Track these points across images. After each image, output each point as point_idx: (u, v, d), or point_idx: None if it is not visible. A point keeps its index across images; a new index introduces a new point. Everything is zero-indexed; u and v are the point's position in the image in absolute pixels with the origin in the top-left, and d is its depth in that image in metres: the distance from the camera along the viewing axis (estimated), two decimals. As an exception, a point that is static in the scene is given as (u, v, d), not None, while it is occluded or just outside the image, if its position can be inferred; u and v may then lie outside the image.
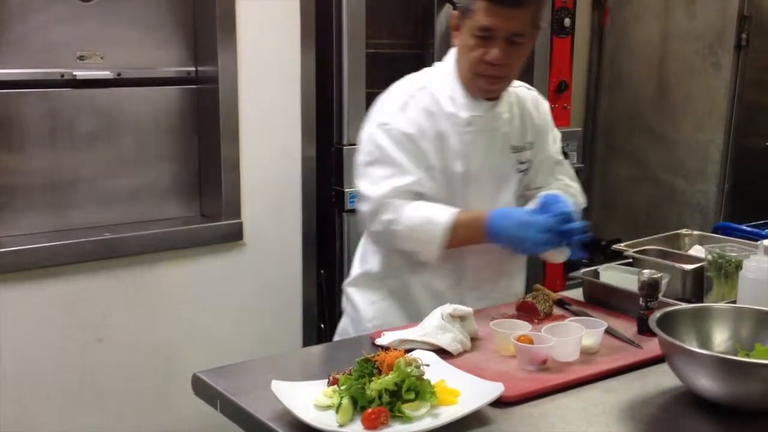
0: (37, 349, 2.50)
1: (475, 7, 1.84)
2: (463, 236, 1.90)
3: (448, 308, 1.74)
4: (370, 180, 1.94)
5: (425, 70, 2.04)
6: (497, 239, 1.87)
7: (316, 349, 1.80)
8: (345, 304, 2.15)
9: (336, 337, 2.17)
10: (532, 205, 1.94)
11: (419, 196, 1.92)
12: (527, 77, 3.25)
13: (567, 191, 2.10)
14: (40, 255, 2.47)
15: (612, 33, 4.09)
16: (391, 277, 2.05)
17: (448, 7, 2.99)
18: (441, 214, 1.89)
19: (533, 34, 1.92)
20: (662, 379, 1.57)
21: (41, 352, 2.51)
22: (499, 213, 1.88)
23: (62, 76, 2.56)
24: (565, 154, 2.21)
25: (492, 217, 1.86)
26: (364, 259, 2.11)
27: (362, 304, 2.09)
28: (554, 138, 2.16)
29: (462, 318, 1.75)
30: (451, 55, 1.99)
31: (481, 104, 1.96)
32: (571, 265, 3.37)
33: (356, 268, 2.14)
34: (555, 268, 3.42)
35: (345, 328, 2.14)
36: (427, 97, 1.95)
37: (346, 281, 2.16)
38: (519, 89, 2.10)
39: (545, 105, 2.15)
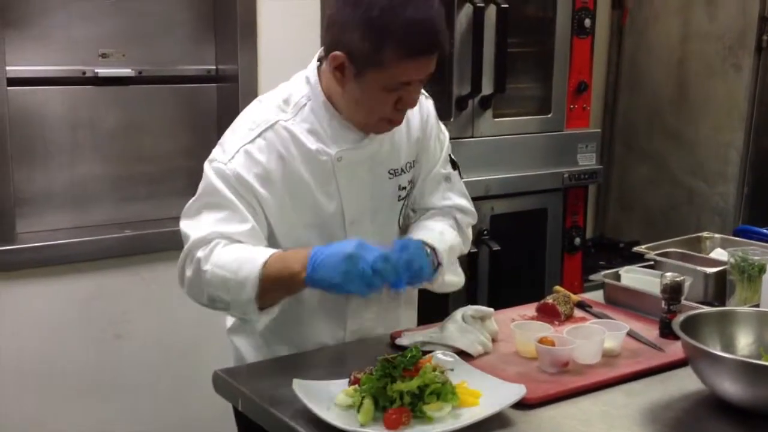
0: (56, 344, 2.52)
1: (385, 60, 1.53)
2: (278, 277, 1.53)
3: (469, 309, 1.74)
4: (196, 223, 1.62)
5: (287, 88, 1.73)
6: (317, 275, 1.50)
7: (337, 348, 1.79)
8: (233, 359, 1.83)
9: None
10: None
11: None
12: (546, 78, 3.28)
13: (442, 224, 1.79)
14: (60, 251, 2.49)
15: (631, 33, 4.07)
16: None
17: (468, 7, 2.98)
18: (258, 253, 1.55)
19: None
20: (685, 382, 1.57)
21: (61, 347, 2.53)
22: (321, 248, 1.52)
23: (84, 73, 2.58)
24: (453, 163, 1.87)
25: (314, 252, 1.51)
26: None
27: (247, 351, 1.80)
28: (441, 146, 1.84)
29: (482, 319, 1.74)
30: (312, 71, 1.70)
31: (350, 133, 1.67)
32: (589, 268, 3.38)
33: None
34: (573, 270, 3.41)
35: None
36: (280, 134, 1.64)
37: (227, 328, 1.86)
38: None
39: (426, 107, 1.81)
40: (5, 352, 2.45)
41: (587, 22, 3.27)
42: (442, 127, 1.88)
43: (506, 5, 2.97)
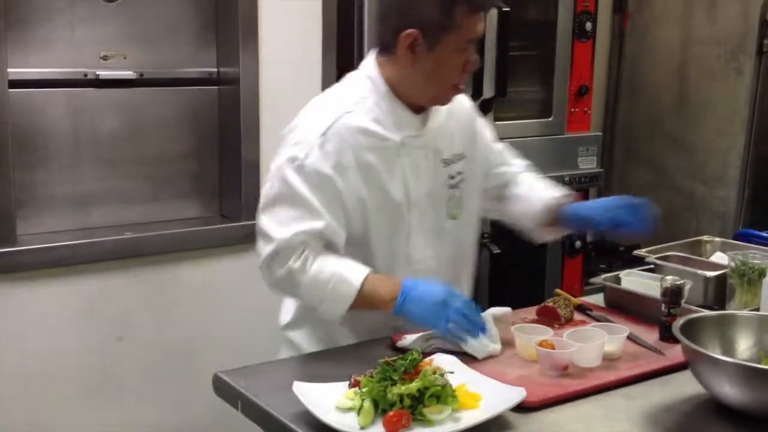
0: (58, 346, 2.52)
1: (458, 21, 1.69)
2: (370, 301, 1.70)
3: (489, 312, 1.74)
4: (277, 220, 1.73)
5: (344, 87, 1.86)
6: (405, 309, 1.68)
7: (337, 351, 1.80)
8: (285, 352, 1.93)
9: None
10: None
11: (329, 243, 1.74)
12: (547, 81, 3.28)
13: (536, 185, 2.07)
14: (61, 253, 2.49)
15: (632, 37, 4.07)
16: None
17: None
18: (353, 272, 1.70)
19: None
20: (685, 386, 1.57)
21: (62, 349, 2.53)
22: (412, 285, 1.69)
23: (85, 75, 2.58)
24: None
25: (405, 287, 1.68)
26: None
27: (309, 344, 1.89)
28: (486, 128, 2.05)
29: (500, 320, 1.75)
30: (370, 67, 1.81)
31: (411, 121, 1.81)
32: (589, 272, 3.38)
33: (290, 309, 1.95)
34: (573, 273, 3.41)
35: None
36: (348, 126, 1.75)
37: (283, 325, 1.98)
38: None
39: (467, 103, 1.99)
40: (6, 353, 2.45)
41: (588, 25, 3.28)
42: (484, 119, 2.08)
43: (507, 9, 2.97)
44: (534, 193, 2.03)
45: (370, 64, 1.82)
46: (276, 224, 1.73)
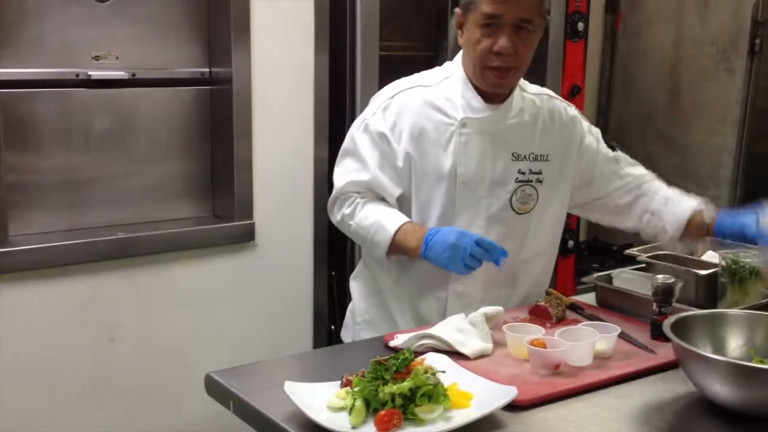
0: (50, 347, 2.51)
1: None
2: (402, 247, 1.92)
3: (480, 311, 1.75)
4: (339, 171, 2.02)
5: (434, 69, 2.04)
6: (428, 255, 1.88)
7: (329, 351, 1.81)
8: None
9: (342, 330, 2.19)
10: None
11: (380, 195, 1.97)
12: (540, 80, 3.27)
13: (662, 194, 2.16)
14: (53, 254, 2.47)
15: (624, 37, 4.08)
16: (380, 276, 2.08)
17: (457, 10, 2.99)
18: (390, 221, 1.92)
19: (540, 22, 1.89)
20: (676, 384, 1.58)
21: (54, 350, 2.52)
22: (433, 232, 1.88)
23: (77, 75, 2.56)
24: (612, 147, 2.19)
25: (427, 236, 1.88)
26: (363, 253, 2.16)
27: (357, 298, 2.14)
28: (596, 138, 2.14)
29: (492, 318, 1.76)
30: (459, 55, 1.99)
31: (480, 105, 1.94)
32: (582, 270, 3.39)
33: (360, 262, 2.18)
34: (566, 272, 3.41)
35: (345, 321, 2.19)
36: (416, 96, 1.95)
37: (353, 273, 2.21)
38: (540, 97, 2.05)
39: (570, 112, 2.10)
40: (0, 353, 2.45)
41: (580, 25, 3.29)
42: (593, 128, 2.17)
43: (499, 9, 2.97)
44: (671, 207, 2.13)
45: (461, 51, 1.99)
46: (338, 174, 2.02)
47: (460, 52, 1.99)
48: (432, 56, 3.05)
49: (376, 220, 1.93)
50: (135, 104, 2.68)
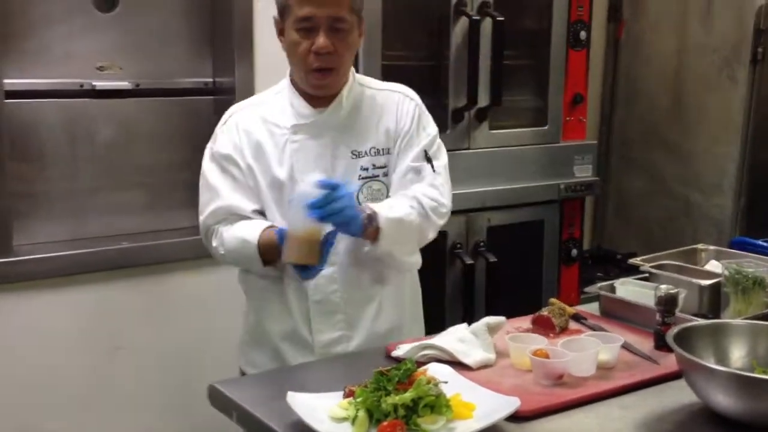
0: (55, 356, 2.53)
1: (291, 2, 1.85)
2: (273, 252, 1.85)
3: (482, 321, 1.75)
4: (199, 207, 2.00)
5: (271, 88, 2.06)
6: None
7: (331, 361, 1.80)
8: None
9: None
10: None
11: (242, 217, 1.94)
12: (542, 89, 3.29)
13: (398, 199, 1.95)
14: (58, 263, 2.50)
15: (627, 46, 4.09)
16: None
17: (463, 20, 2.99)
18: (250, 232, 1.89)
19: (355, 21, 1.90)
20: (679, 395, 1.57)
21: (59, 359, 2.53)
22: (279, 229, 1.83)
23: (81, 86, 2.59)
24: (428, 159, 2.00)
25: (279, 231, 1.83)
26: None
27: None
28: (418, 143, 1.99)
29: (495, 329, 1.76)
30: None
31: (307, 110, 1.94)
32: (586, 280, 3.38)
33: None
34: (569, 281, 3.41)
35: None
36: (247, 114, 1.98)
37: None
38: (381, 92, 2.01)
39: (411, 106, 2.01)
40: (2, 364, 2.45)
41: (582, 34, 3.29)
42: (429, 127, 2.03)
43: (502, 18, 2.98)
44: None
45: None
46: (199, 212, 2.00)
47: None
48: (434, 65, 3.05)
49: (239, 237, 1.90)
50: (139, 114, 2.70)
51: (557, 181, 3.26)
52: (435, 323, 2.04)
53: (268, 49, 2.71)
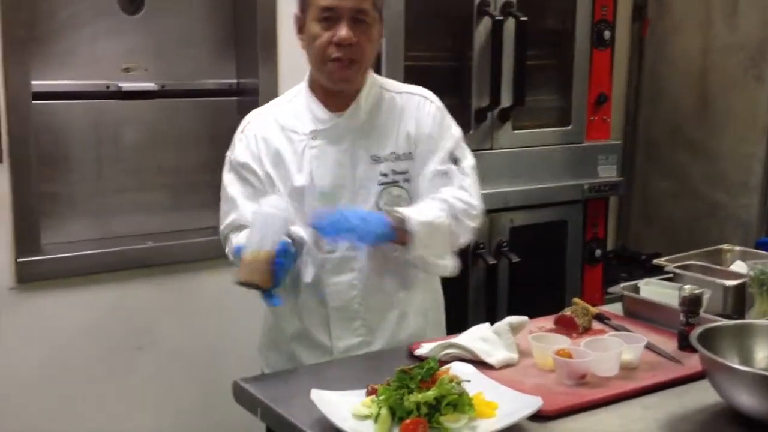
0: (79, 354, 2.55)
1: None
2: None
3: (505, 321, 1.76)
4: (220, 216, 1.99)
5: (286, 92, 2.05)
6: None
7: (354, 360, 1.81)
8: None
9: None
10: None
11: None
12: (565, 89, 3.28)
13: (428, 202, 1.91)
14: (84, 262, 2.53)
15: (652, 45, 4.07)
16: None
17: (486, 20, 2.99)
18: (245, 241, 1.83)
19: (377, 17, 1.88)
20: (703, 395, 1.56)
21: (84, 357, 2.56)
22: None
23: (107, 87, 2.62)
24: (455, 160, 1.97)
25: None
26: None
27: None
28: (438, 145, 1.96)
29: (517, 328, 1.76)
30: (307, 75, 1.98)
31: (325, 115, 1.92)
32: (611, 280, 3.37)
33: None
34: (593, 282, 3.40)
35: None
36: (264, 121, 1.96)
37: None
38: (401, 95, 1.98)
39: (432, 108, 1.98)
40: (29, 361, 2.48)
41: (606, 33, 3.28)
42: (452, 129, 2.00)
43: (525, 18, 2.98)
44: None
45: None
46: (219, 221, 1.99)
47: (308, 72, 1.97)
48: (456, 66, 3.06)
49: (239, 246, 1.82)
50: (164, 115, 2.73)
51: (581, 182, 3.25)
52: (457, 323, 2.03)
53: (292, 50, 2.70)
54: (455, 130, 2.01)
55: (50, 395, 2.52)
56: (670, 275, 2.09)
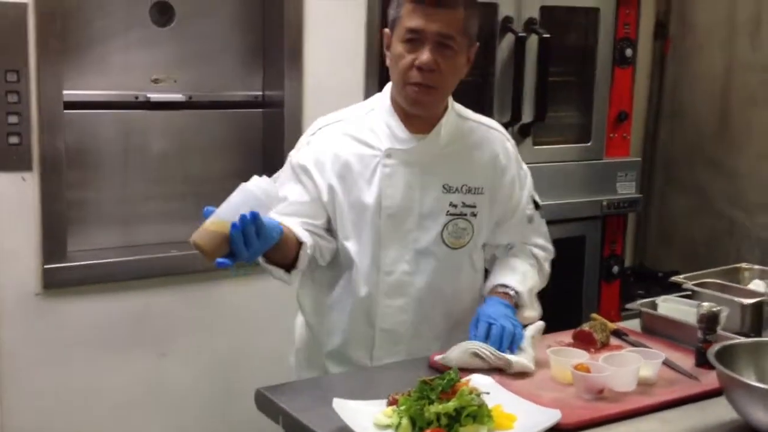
0: (101, 361, 2.59)
1: (402, 12, 1.81)
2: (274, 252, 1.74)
3: (528, 331, 1.81)
4: None
5: (361, 103, 2.02)
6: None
7: (375, 371, 1.84)
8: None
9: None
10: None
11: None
12: (586, 107, 3.31)
13: (525, 264, 2.01)
14: (109, 269, 2.57)
15: (673, 63, 4.08)
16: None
17: (509, 36, 3.03)
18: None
19: (465, 44, 1.83)
20: (720, 412, 1.58)
21: (106, 364, 2.60)
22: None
23: (137, 98, 2.67)
24: (536, 204, 2.05)
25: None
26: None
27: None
28: (521, 186, 2.01)
29: (536, 340, 1.81)
30: (388, 86, 1.94)
31: (405, 135, 1.88)
32: (628, 297, 3.38)
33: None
34: (610, 298, 3.42)
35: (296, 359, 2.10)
36: (338, 130, 1.91)
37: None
38: (479, 126, 1.98)
39: (511, 147, 2.00)
40: (54, 366, 2.52)
41: (628, 51, 3.31)
42: (524, 167, 2.04)
43: (548, 35, 3.02)
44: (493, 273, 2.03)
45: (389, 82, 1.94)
46: None
47: (389, 84, 1.93)
48: (479, 81, 3.09)
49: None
50: (191, 126, 2.77)
51: (600, 198, 3.28)
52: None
53: (317, 64, 2.79)
54: (527, 170, 2.05)
55: (74, 399, 2.56)
56: (688, 293, 2.11)
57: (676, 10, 4.04)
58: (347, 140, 1.90)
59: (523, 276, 1.97)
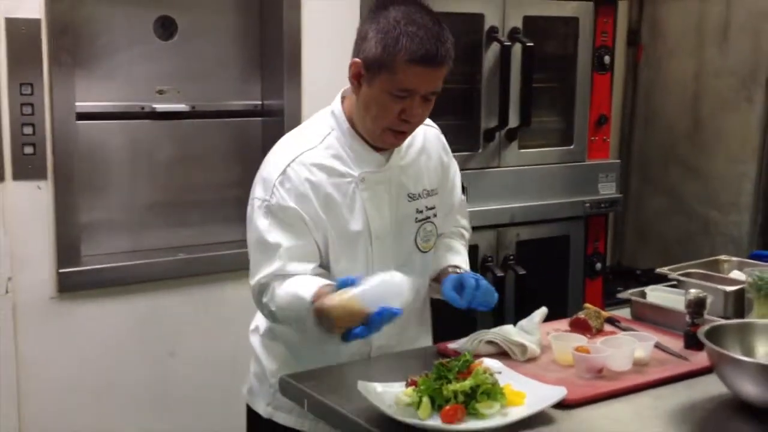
0: (114, 360, 2.68)
1: (396, 65, 1.70)
2: (327, 317, 1.66)
3: (535, 317, 1.94)
4: (251, 263, 1.86)
5: (310, 123, 1.92)
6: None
7: (389, 358, 1.95)
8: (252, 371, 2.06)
9: (249, 396, 2.08)
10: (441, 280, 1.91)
11: (291, 275, 1.78)
12: (568, 112, 3.43)
13: (461, 245, 2.08)
14: (120, 273, 2.66)
15: (646, 69, 4.19)
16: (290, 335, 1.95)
17: (495, 45, 3.15)
18: (306, 289, 1.72)
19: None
20: (709, 388, 1.70)
21: (118, 363, 2.69)
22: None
23: (142, 108, 2.76)
24: (464, 188, 2.12)
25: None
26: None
27: (264, 357, 2.04)
28: (456, 174, 2.05)
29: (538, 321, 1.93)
30: (336, 102, 1.88)
31: (372, 157, 1.85)
32: (607, 293, 3.51)
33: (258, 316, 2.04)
34: (594, 294, 3.54)
35: (252, 386, 2.07)
36: (308, 162, 1.81)
37: (251, 327, 2.09)
38: (419, 128, 1.91)
39: (442, 137, 2.02)
40: (67, 366, 2.61)
41: (607, 58, 3.43)
42: (453, 157, 2.08)
43: (531, 43, 3.14)
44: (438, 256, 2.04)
45: (336, 99, 1.89)
46: (251, 267, 1.86)
47: (336, 102, 1.88)
48: (467, 88, 3.21)
49: (293, 293, 1.74)
50: (194, 135, 2.87)
51: (582, 198, 3.39)
52: (466, 332, 2.13)
53: (315, 73, 2.88)
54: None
55: (86, 398, 2.64)
56: (673, 283, 2.24)
57: (647, 18, 4.15)
58: (317, 171, 1.81)
59: (465, 256, 2.06)
